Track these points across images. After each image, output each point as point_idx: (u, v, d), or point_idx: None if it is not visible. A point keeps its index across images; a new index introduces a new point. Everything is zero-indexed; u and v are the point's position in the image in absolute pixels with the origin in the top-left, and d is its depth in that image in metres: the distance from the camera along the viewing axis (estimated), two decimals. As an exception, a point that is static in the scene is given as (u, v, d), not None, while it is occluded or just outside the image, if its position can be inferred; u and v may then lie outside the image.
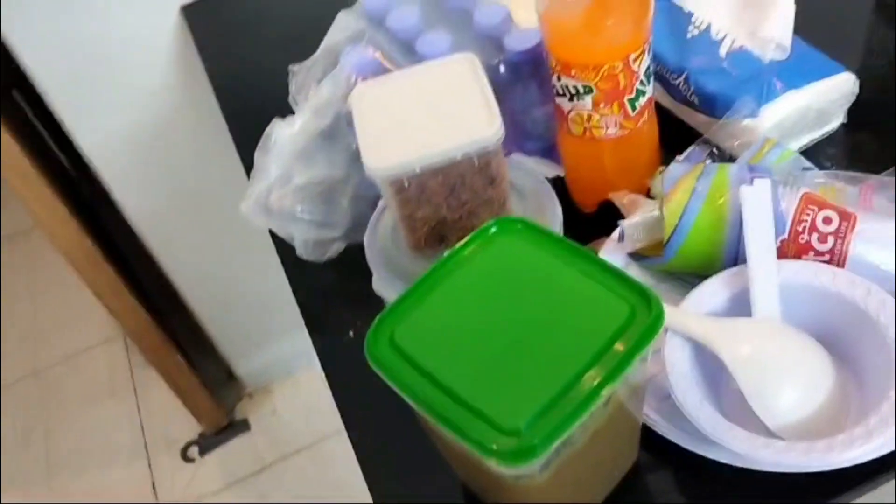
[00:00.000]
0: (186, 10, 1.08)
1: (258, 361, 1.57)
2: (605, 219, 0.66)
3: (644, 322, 0.44)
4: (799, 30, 0.71)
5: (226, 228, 1.32)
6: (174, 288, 1.43)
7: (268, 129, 0.67)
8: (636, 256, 0.64)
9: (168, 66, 1.11)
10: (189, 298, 1.45)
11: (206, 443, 1.56)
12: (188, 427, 1.57)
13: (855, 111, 0.72)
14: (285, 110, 0.70)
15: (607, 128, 0.63)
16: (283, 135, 0.66)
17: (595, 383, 0.42)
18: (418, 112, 0.58)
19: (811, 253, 0.56)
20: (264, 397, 1.61)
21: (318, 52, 0.70)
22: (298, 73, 0.69)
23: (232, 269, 1.40)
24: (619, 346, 0.43)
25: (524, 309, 0.46)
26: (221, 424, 1.56)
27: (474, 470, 0.48)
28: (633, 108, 0.62)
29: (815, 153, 0.70)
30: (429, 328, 0.47)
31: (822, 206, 0.56)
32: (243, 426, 1.57)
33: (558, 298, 0.46)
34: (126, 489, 1.55)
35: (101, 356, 1.79)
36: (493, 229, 0.50)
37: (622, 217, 0.64)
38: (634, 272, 0.64)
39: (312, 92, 0.67)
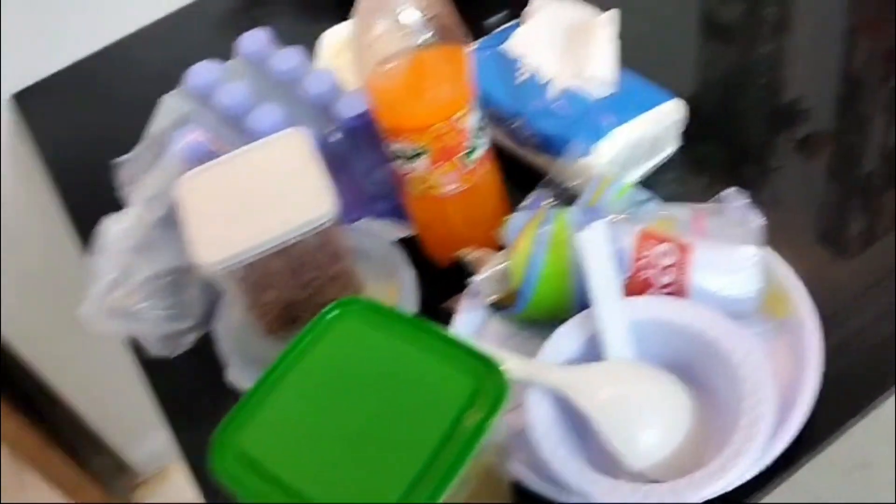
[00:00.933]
0: (18, 98, 1.03)
1: (148, 447, 1.50)
2: (462, 271, 0.65)
3: (489, 394, 0.43)
4: (627, 59, 0.73)
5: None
6: (46, 384, 1.36)
7: (98, 228, 0.64)
8: (495, 307, 0.64)
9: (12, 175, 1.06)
10: (64, 393, 1.37)
11: (104, 541, 1.48)
12: (84, 527, 1.49)
13: (688, 134, 0.74)
14: (120, 204, 0.67)
15: (446, 185, 0.63)
16: (115, 232, 0.63)
17: (441, 474, 0.41)
18: (248, 197, 0.56)
19: (654, 288, 0.57)
20: (160, 483, 1.54)
21: (144, 140, 0.67)
22: (125, 165, 0.66)
23: (101, 356, 1.33)
24: (466, 422, 0.42)
25: (370, 397, 0.45)
26: (118, 518, 1.48)
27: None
28: (469, 163, 0.62)
29: (655, 180, 0.72)
30: (274, 430, 0.45)
31: (659, 240, 0.57)
32: (141, 516, 1.50)
33: (403, 381, 0.45)
34: None
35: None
36: (332, 313, 0.49)
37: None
38: (495, 324, 0.64)
39: (142, 183, 0.64)
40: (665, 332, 0.55)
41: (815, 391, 0.54)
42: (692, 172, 0.74)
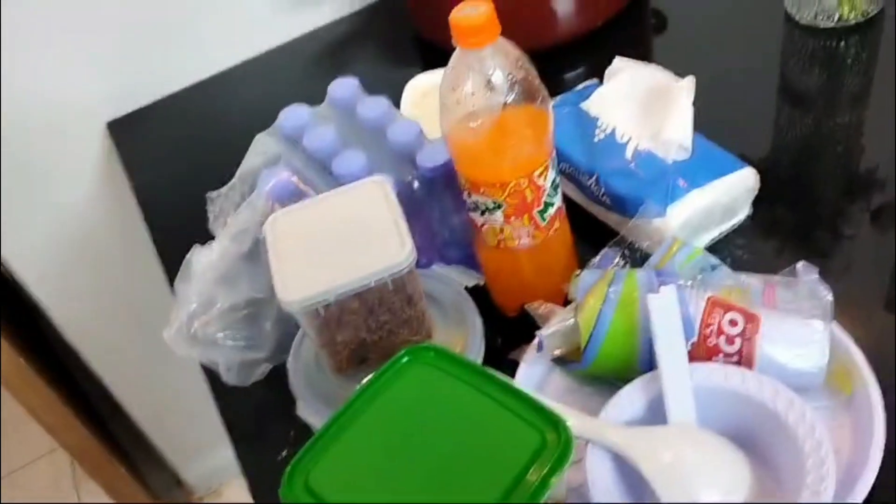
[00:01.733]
0: (112, 126, 1.08)
1: (205, 465, 1.54)
2: (528, 321, 0.67)
3: (554, 450, 0.45)
4: (701, 127, 0.74)
5: (159, 335, 1.31)
6: (114, 397, 1.41)
7: (187, 257, 0.67)
8: (559, 360, 0.65)
9: (93, 181, 1.11)
10: (129, 407, 1.42)
11: (156, 554, 1.51)
12: (137, 540, 1.52)
13: (760, 202, 0.75)
14: (207, 235, 0.70)
15: (520, 239, 0.65)
16: (202, 262, 0.66)
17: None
18: (331, 240, 0.59)
19: (720, 355, 0.57)
20: (215, 500, 1.57)
21: (236, 177, 0.71)
22: (216, 200, 0.70)
23: (170, 375, 1.38)
24: (530, 478, 0.44)
25: (437, 442, 0.47)
26: (171, 533, 1.52)
27: None
28: (543, 219, 0.64)
29: (725, 245, 0.73)
30: (343, 468, 0.47)
31: (727, 308, 0.58)
32: (193, 533, 1.53)
33: (470, 431, 0.47)
34: None
35: (45, 468, 1.74)
36: (405, 359, 0.51)
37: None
38: (557, 377, 0.65)
39: (230, 218, 0.67)
40: (728, 400, 0.56)
41: (877, 470, 0.54)
42: (762, 239, 0.74)
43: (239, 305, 0.68)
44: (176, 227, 0.77)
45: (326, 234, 0.60)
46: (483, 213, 0.64)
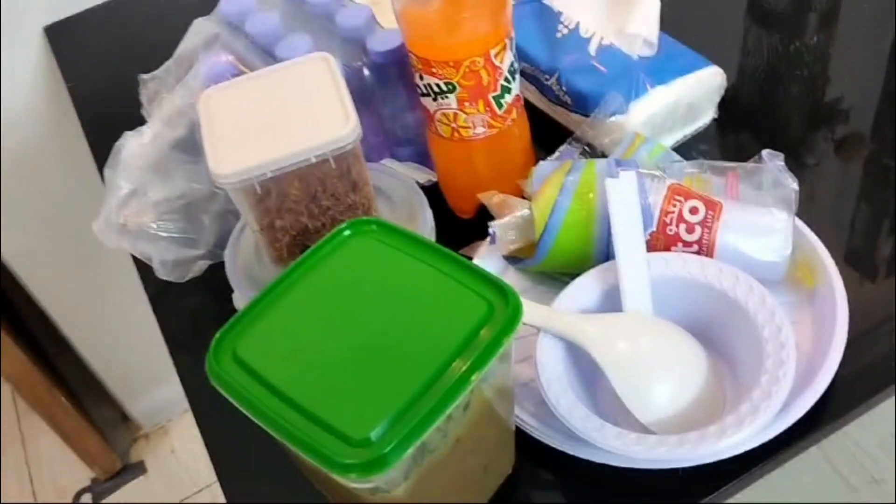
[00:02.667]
0: (49, 31, 1.02)
1: (152, 401, 1.50)
2: (482, 224, 0.64)
3: (501, 319, 0.41)
4: (671, 30, 0.71)
5: (106, 264, 1.26)
6: (59, 329, 1.36)
7: (117, 143, 0.63)
8: (512, 260, 0.62)
9: (32, 89, 1.05)
10: (75, 339, 1.37)
11: (99, 489, 1.47)
12: (81, 474, 1.48)
13: (726, 107, 0.72)
14: (140, 123, 0.66)
15: (475, 127, 0.61)
16: (132, 147, 0.61)
17: (447, 387, 0.39)
18: (270, 115, 0.55)
19: (680, 244, 0.55)
20: (161, 437, 1.54)
21: (171, 59, 0.66)
22: (150, 83, 0.65)
23: (117, 307, 1.33)
24: (473, 347, 0.40)
25: (377, 315, 0.43)
26: (115, 469, 1.48)
27: (338, 490, 0.44)
28: (500, 105, 0.60)
29: (688, 149, 0.70)
30: (276, 340, 0.43)
31: (688, 196, 0.55)
32: (139, 469, 1.49)
33: (413, 302, 0.44)
34: (13, 545, 1.45)
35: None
36: (347, 232, 0.47)
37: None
38: (511, 276, 0.62)
39: (164, 101, 0.63)
40: (687, 289, 0.53)
41: (838, 363, 0.51)
42: (725, 144, 0.72)
43: (173, 197, 0.64)
44: (110, 121, 0.72)
45: (265, 110, 0.55)
46: (436, 97, 0.60)
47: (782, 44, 0.82)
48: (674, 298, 0.53)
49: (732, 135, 0.73)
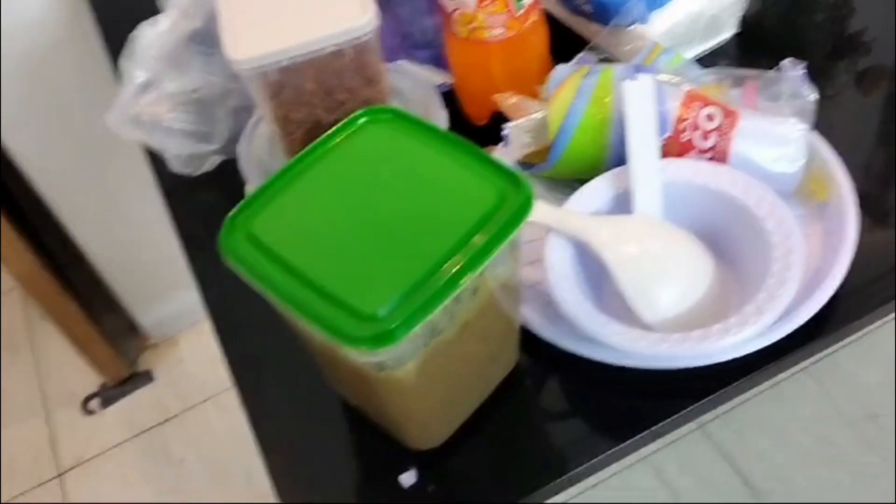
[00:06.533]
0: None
1: (162, 311, 1.52)
2: (496, 131, 0.63)
3: (512, 207, 0.42)
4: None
5: (122, 173, 1.26)
6: (71, 237, 1.37)
7: (133, 33, 0.62)
8: (525, 166, 0.62)
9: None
10: (87, 247, 1.38)
11: (108, 395, 1.50)
12: (89, 380, 1.51)
13: (748, 22, 0.71)
14: (157, 13, 0.65)
15: (493, 28, 0.60)
16: (148, 37, 0.61)
17: (456, 269, 0.39)
18: (288, 4, 0.54)
19: (695, 151, 0.55)
20: (170, 348, 1.56)
21: (189, -51, 0.65)
22: (166, -28, 0.64)
23: (131, 217, 1.34)
24: (484, 233, 0.41)
25: (390, 198, 0.44)
26: (123, 376, 1.50)
27: (349, 374, 0.45)
28: (519, 5, 0.60)
29: (708, 64, 0.69)
30: (290, 219, 0.44)
31: (705, 102, 0.55)
32: (146, 377, 1.52)
33: (426, 187, 0.44)
34: (24, 445, 1.48)
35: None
36: (362, 119, 0.48)
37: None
38: (523, 181, 0.62)
39: (182, -10, 0.62)
40: (698, 195, 0.54)
41: (842, 276, 0.52)
42: (745, 60, 0.70)
43: (188, 90, 0.64)
44: (125, 11, 0.71)
45: (283, -1, 0.55)
46: (455, -5, 0.59)
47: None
48: (685, 204, 0.53)
49: (753, 51, 0.72)
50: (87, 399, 1.51)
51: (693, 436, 1.29)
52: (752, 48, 0.71)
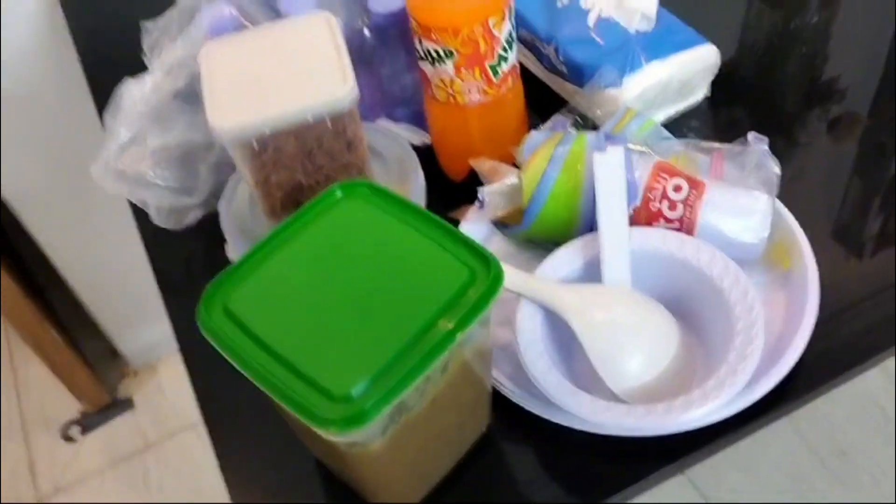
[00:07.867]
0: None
1: (142, 339, 1.52)
2: (473, 187, 0.65)
3: (483, 285, 0.43)
4: (670, 5, 0.71)
5: (102, 202, 1.26)
6: (52, 264, 1.37)
7: (118, 89, 0.63)
8: (500, 225, 0.64)
9: (35, 31, 1.05)
10: (67, 274, 1.39)
11: (88, 422, 1.50)
12: (69, 406, 1.51)
13: (719, 85, 0.73)
14: (142, 69, 0.66)
15: (470, 93, 0.62)
16: (133, 94, 0.62)
17: (427, 349, 0.41)
18: (270, 72, 0.56)
19: (662, 220, 0.56)
20: (149, 375, 1.57)
21: (174, 8, 0.67)
22: (152, 31, 0.66)
23: (112, 245, 1.34)
24: (454, 312, 0.42)
25: (364, 274, 0.45)
26: (104, 403, 1.51)
27: (319, 443, 0.46)
28: (496, 74, 0.61)
29: (679, 125, 0.71)
30: (265, 295, 0.45)
31: (672, 173, 0.57)
32: (127, 404, 1.52)
33: (399, 264, 0.45)
34: (2, 470, 1.48)
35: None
36: (338, 193, 0.49)
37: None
38: (497, 241, 0.64)
39: (166, 50, 0.63)
40: (665, 264, 0.55)
41: (805, 344, 0.54)
42: (716, 123, 0.73)
43: (171, 146, 0.65)
44: (111, 66, 0.72)
45: (265, 67, 0.56)
46: (434, 61, 0.61)
47: (782, 21, 0.83)
48: (652, 272, 0.55)
49: (724, 113, 0.74)
50: (67, 425, 1.51)
51: (668, 471, 1.31)
52: (723, 108, 0.74)
